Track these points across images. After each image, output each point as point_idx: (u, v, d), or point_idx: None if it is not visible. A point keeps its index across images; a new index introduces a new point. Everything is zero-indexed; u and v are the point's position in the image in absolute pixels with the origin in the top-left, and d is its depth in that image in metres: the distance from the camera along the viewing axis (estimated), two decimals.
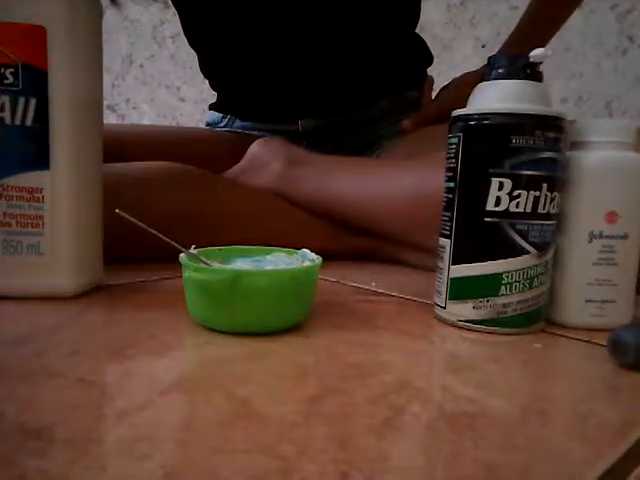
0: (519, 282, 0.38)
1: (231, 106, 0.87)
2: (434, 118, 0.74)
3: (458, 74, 0.91)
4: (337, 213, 0.63)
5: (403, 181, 0.58)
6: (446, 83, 0.85)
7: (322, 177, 0.64)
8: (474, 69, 0.80)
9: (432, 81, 0.88)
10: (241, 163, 0.69)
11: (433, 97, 0.86)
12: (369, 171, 0.63)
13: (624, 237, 0.39)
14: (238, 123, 0.86)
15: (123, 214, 0.38)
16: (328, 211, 0.63)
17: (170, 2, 0.81)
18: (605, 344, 0.34)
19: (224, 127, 0.87)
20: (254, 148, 0.69)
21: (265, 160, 0.67)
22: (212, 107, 0.90)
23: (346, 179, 0.62)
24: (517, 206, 0.37)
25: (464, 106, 0.40)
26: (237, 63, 0.81)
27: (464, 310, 0.39)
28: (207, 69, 0.88)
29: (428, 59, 0.88)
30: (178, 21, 0.84)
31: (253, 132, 0.84)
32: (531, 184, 0.37)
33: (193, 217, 0.57)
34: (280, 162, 0.65)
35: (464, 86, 0.70)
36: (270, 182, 0.65)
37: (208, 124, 0.90)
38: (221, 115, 0.88)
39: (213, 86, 0.89)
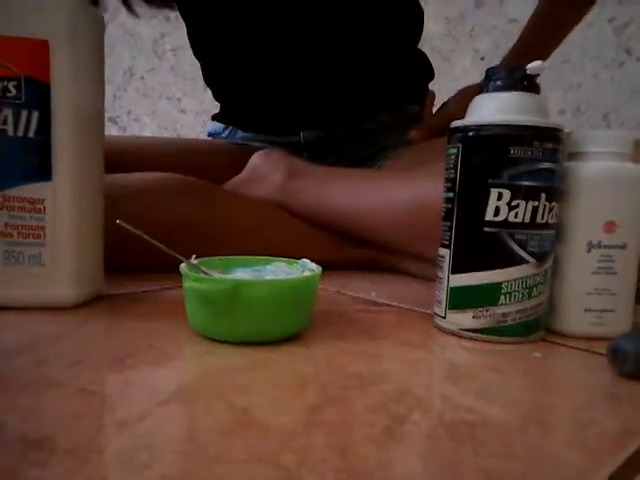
0: (518, 291, 0.38)
1: (234, 117, 0.87)
2: (437, 131, 0.74)
3: (457, 86, 0.92)
4: (337, 224, 0.63)
5: (402, 191, 0.58)
6: (446, 95, 0.86)
7: (322, 188, 0.64)
8: (475, 82, 0.81)
9: (433, 96, 0.88)
10: (242, 174, 0.69)
11: (434, 111, 0.86)
12: (368, 182, 0.64)
13: (623, 247, 0.40)
14: (240, 134, 0.86)
15: (124, 225, 0.38)
16: (328, 222, 0.64)
17: (171, 14, 0.82)
18: (604, 353, 0.34)
19: (226, 138, 0.88)
20: (255, 160, 0.70)
21: (265, 172, 0.67)
22: (215, 118, 0.91)
23: (345, 190, 0.63)
24: (516, 216, 0.38)
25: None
26: (241, 74, 0.81)
27: (464, 319, 0.39)
28: (211, 79, 0.88)
29: (429, 74, 0.89)
30: (178, 34, 0.85)
31: (254, 143, 0.84)
32: (530, 194, 0.38)
33: (193, 228, 0.57)
34: (280, 174, 0.66)
35: (466, 99, 0.70)
36: (270, 193, 0.65)
37: (210, 134, 0.91)
38: (223, 126, 0.89)
39: (216, 97, 0.90)
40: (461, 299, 0.39)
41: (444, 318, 0.41)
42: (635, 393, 0.31)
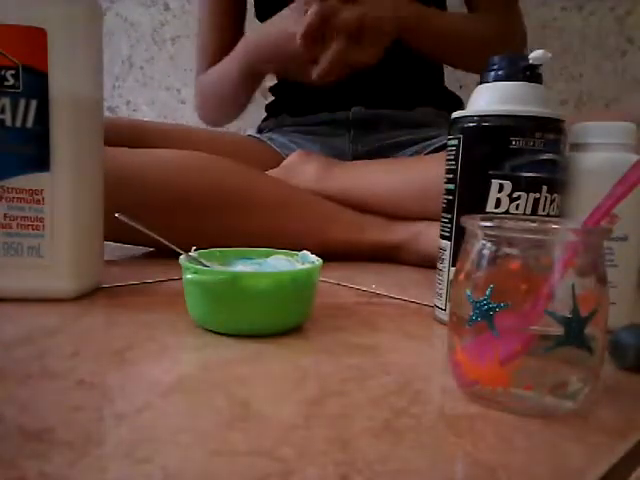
0: None
1: (286, 102, 0.91)
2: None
3: (459, 74, 0.91)
4: (369, 204, 0.67)
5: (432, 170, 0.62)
6: (448, 85, 0.85)
7: (354, 174, 0.69)
8: None
9: None
10: (276, 169, 0.73)
11: None
12: (395, 166, 0.70)
13: (624, 239, 0.39)
14: (288, 120, 0.89)
15: (123, 217, 0.38)
16: (361, 203, 0.68)
17: (170, 2, 0.83)
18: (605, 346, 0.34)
19: (272, 129, 0.91)
20: (290, 157, 0.75)
21: (299, 166, 0.72)
22: (265, 119, 0.95)
23: (375, 174, 0.69)
24: (517, 208, 0.37)
25: None
26: None
27: None
28: None
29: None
30: (178, 23, 0.84)
31: (301, 128, 0.87)
32: (531, 186, 0.37)
33: (226, 196, 0.61)
34: (314, 166, 0.71)
35: None
36: (305, 183, 0.69)
37: (260, 130, 0.95)
38: (272, 118, 0.92)
39: (274, 88, 0.93)
40: None
41: (444, 310, 0.41)
42: (635, 386, 0.31)
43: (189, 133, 0.82)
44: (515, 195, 0.37)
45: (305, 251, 0.42)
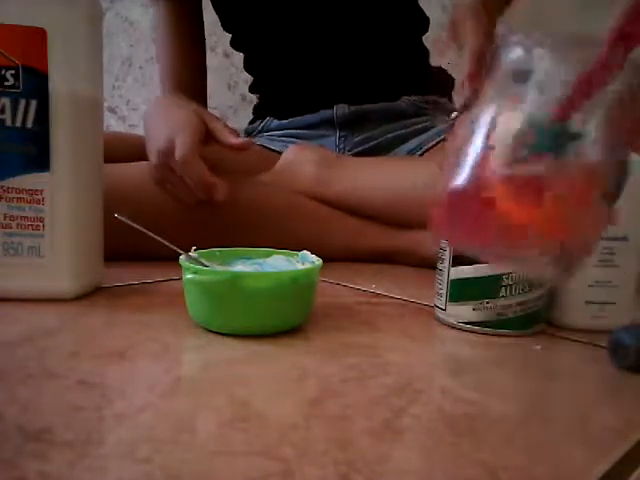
0: (519, 284, 0.38)
1: (270, 105, 0.90)
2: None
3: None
4: (371, 209, 0.67)
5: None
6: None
7: (355, 176, 0.68)
8: None
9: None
10: (274, 168, 0.71)
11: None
12: (396, 168, 0.69)
13: (624, 239, 0.39)
14: (275, 123, 0.88)
15: (122, 218, 0.38)
16: (362, 207, 0.67)
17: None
18: (605, 346, 0.34)
19: (260, 130, 0.90)
20: (287, 154, 0.73)
21: (298, 165, 0.70)
22: (251, 121, 0.94)
23: (378, 177, 0.68)
24: None
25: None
26: (278, 56, 0.84)
27: (464, 312, 0.39)
28: (251, 67, 0.91)
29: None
30: None
31: (290, 131, 0.86)
32: None
33: (220, 216, 0.60)
34: (312, 165, 0.69)
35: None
36: (303, 184, 0.68)
37: (247, 133, 0.94)
38: (258, 121, 0.91)
39: (255, 87, 0.93)
40: (462, 291, 0.39)
41: (444, 310, 0.41)
42: (636, 386, 0.31)
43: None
44: None
45: (305, 251, 0.42)
